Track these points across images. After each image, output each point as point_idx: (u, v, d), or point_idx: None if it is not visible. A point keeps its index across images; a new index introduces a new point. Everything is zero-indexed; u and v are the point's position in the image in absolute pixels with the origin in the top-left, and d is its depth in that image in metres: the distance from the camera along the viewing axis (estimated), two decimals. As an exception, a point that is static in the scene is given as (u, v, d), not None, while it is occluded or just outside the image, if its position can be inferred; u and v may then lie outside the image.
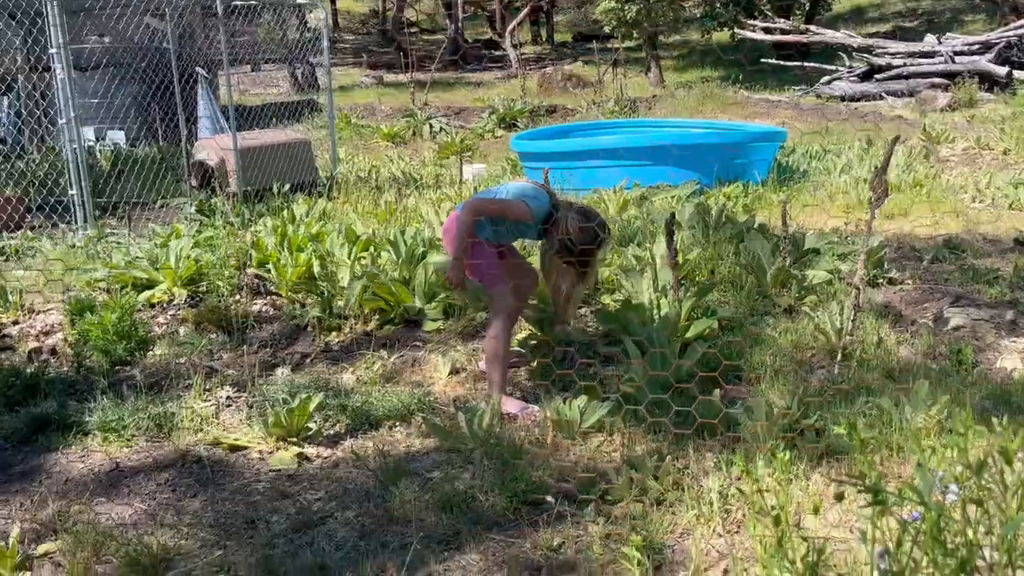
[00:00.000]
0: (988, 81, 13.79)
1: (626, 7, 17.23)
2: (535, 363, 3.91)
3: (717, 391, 3.24)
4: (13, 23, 6.92)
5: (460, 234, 3.48)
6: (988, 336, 4.07)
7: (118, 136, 10.08)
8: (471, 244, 3.50)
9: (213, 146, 7.71)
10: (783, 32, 17.69)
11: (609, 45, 18.13)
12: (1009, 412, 2.57)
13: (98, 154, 9.13)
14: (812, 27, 18.03)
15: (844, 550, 2.13)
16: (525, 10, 24.21)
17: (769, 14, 19.05)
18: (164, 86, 8.31)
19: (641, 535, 2.45)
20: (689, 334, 3.84)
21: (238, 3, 8.01)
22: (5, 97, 8.97)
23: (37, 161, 8.02)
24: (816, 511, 1.65)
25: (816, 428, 3.04)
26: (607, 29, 18.59)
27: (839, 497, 1.47)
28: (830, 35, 16.97)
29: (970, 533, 1.22)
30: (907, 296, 4.66)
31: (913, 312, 4.42)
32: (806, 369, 3.74)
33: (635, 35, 18.43)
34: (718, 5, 19.83)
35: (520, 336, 4.13)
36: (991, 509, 1.26)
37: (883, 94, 14.37)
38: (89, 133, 9.77)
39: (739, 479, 2.69)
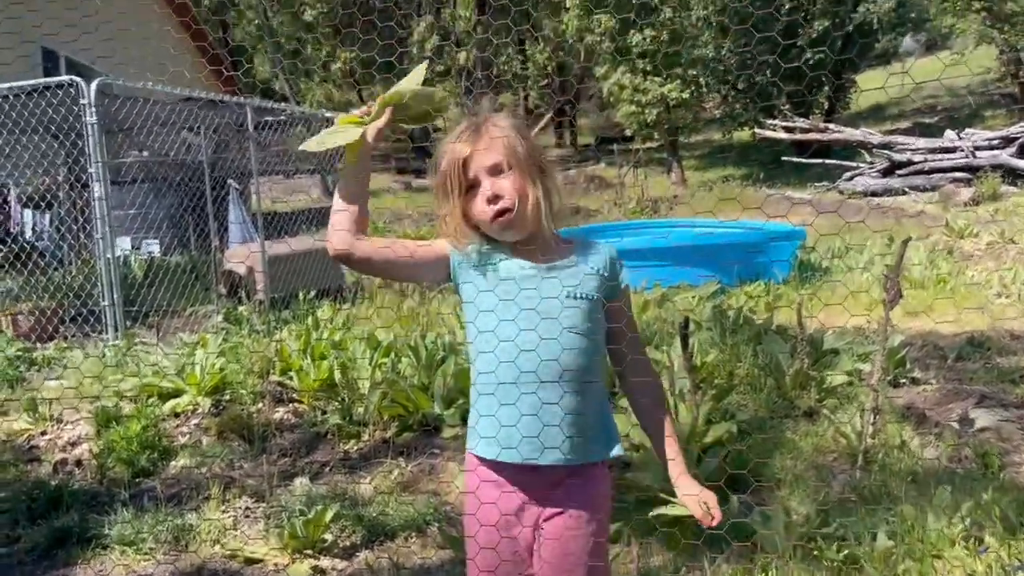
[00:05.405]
0: (1011, 175, 13.86)
1: (646, 110, 17.70)
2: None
3: (735, 498, 3.20)
4: (56, 144, 7.29)
5: None
6: (1015, 437, 3.99)
7: (153, 246, 10.41)
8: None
9: (242, 255, 7.93)
10: (803, 131, 17.97)
11: (630, 147, 18.55)
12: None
13: (132, 263, 9.41)
14: (832, 125, 18.32)
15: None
16: (548, 114, 24.93)
17: (788, 113, 19.42)
18: (197, 197, 8.62)
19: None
20: (707, 439, 3.81)
21: (268, 118, 8.37)
22: (47, 212, 9.35)
23: (73, 273, 8.29)
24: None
25: (836, 536, 2.97)
26: (628, 132, 19.04)
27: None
28: (849, 132, 17.20)
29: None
30: (931, 396, 4.61)
31: (937, 413, 4.36)
32: (827, 474, 3.68)
33: (656, 136, 18.84)
34: (737, 106, 20.29)
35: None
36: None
37: (906, 188, 14.47)
38: (126, 243, 10.10)
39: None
